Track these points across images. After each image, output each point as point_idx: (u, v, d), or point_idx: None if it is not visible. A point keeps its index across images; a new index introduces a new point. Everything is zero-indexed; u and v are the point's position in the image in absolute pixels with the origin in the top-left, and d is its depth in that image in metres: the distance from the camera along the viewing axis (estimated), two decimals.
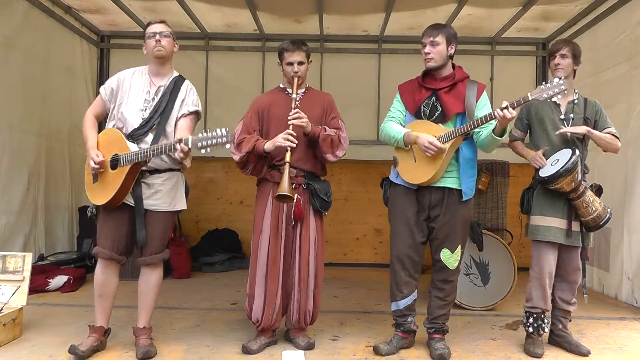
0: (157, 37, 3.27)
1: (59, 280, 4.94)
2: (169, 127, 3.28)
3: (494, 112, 3.02)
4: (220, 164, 6.74)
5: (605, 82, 5.23)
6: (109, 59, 6.93)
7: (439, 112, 3.30)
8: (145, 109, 3.26)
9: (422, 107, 3.34)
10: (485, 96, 3.34)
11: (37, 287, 4.70)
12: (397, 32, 6.55)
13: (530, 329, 3.47)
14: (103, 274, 3.29)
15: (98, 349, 3.29)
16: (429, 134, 3.18)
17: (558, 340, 3.54)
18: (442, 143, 3.15)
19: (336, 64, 6.84)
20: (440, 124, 3.27)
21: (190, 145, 2.96)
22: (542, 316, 3.46)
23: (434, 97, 3.33)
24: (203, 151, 2.96)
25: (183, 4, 5.70)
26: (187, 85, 3.40)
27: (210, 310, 4.44)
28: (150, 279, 3.33)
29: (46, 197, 5.59)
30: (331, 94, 3.74)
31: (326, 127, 3.47)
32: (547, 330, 3.50)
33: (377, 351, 3.34)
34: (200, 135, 2.95)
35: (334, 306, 4.63)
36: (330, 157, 3.46)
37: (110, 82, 3.38)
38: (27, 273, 3.73)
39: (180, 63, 7.12)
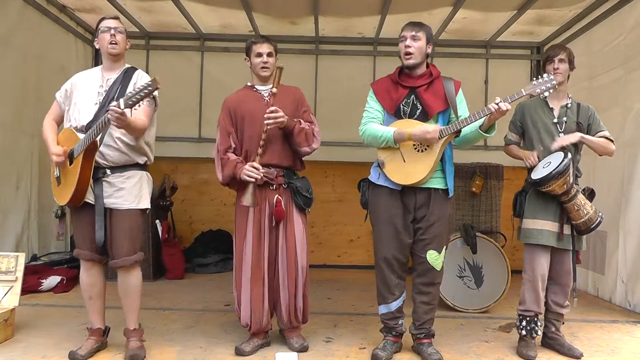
0: (112, 31, 3.21)
1: (52, 280, 4.93)
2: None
3: (488, 107, 3.02)
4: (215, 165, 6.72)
5: (601, 86, 5.25)
6: None
7: (419, 110, 3.26)
8: (98, 103, 3.19)
9: (401, 106, 3.28)
10: (461, 93, 3.34)
11: (29, 287, 4.68)
12: (392, 35, 6.51)
13: (524, 332, 3.48)
14: (88, 276, 3.27)
15: (100, 349, 3.30)
16: None
17: (551, 342, 3.55)
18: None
19: (331, 65, 6.84)
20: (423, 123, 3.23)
21: (122, 106, 2.80)
22: (535, 319, 3.47)
23: (413, 96, 3.28)
24: (136, 107, 2.85)
25: (178, 4, 5.69)
26: (139, 72, 3.33)
27: (204, 311, 4.43)
28: (127, 282, 3.24)
29: (40, 197, 5.56)
30: (326, 95, 3.75)
31: (301, 120, 3.44)
32: (540, 332, 3.51)
33: (377, 358, 3.26)
34: (128, 93, 2.85)
35: (327, 308, 4.62)
36: (305, 149, 3.43)
37: (65, 85, 3.35)
38: (20, 273, 3.73)
39: (175, 63, 7.16)
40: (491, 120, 3.08)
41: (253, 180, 3.26)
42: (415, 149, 3.21)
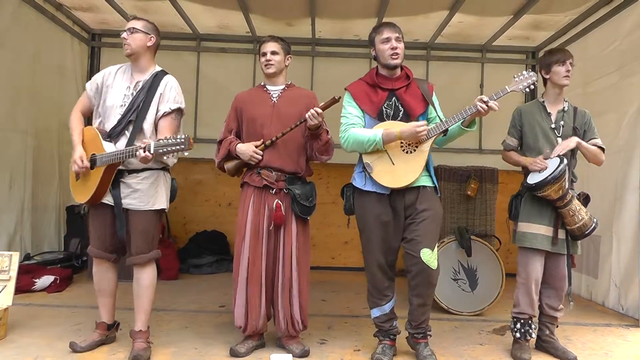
0: (124, 34, 3.24)
1: (46, 280, 4.89)
2: (146, 124, 3.19)
3: (476, 105, 3.04)
4: (210, 166, 6.60)
5: (595, 92, 5.27)
6: (100, 57, 6.87)
7: (402, 112, 3.26)
8: (124, 105, 3.21)
9: (384, 109, 3.27)
10: (435, 95, 3.37)
11: (23, 287, 4.64)
12: None
13: (518, 335, 3.50)
14: (97, 272, 3.34)
15: (105, 343, 3.38)
16: None
17: (545, 345, 3.57)
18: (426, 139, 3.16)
19: (327, 67, 6.85)
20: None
21: (152, 151, 2.91)
22: (530, 322, 3.49)
23: (394, 98, 3.28)
24: (165, 157, 2.96)
25: (175, 4, 5.68)
26: (167, 79, 3.30)
27: (198, 312, 4.42)
28: (140, 279, 3.28)
29: (33, 196, 5.53)
30: (322, 97, 3.72)
31: (327, 130, 3.43)
32: (534, 335, 3.53)
33: None
34: (161, 141, 2.92)
35: (322, 310, 4.63)
36: (323, 157, 3.48)
37: (96, 78, 3.34)
38: (14, 272, 3.71)
39: (171, 63, 7.10)
40: (476, 117, 3.11)
41: (244, 156, 3.37)
42: (403, 150, 3.20)
